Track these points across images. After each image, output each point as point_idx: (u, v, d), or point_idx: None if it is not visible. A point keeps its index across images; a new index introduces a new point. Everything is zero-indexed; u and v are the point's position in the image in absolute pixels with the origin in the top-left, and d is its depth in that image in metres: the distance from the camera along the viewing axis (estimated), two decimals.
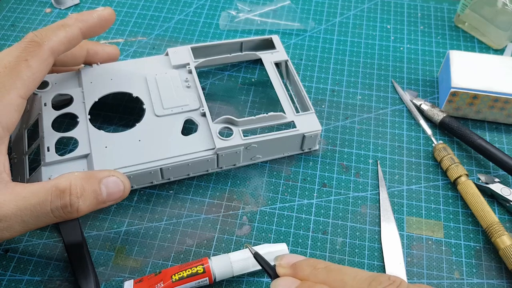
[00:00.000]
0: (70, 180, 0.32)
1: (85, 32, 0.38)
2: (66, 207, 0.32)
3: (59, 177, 0.33)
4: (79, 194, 0.32)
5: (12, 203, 0.30)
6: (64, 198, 0.32)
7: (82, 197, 0.32)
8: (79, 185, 0.32)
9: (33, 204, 0.31)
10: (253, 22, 0.56)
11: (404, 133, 0.46)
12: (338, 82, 0.51)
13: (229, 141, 0.40)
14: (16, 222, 0.31)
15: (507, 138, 0.46)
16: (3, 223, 0.30)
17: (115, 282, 0.37)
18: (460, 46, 0.54)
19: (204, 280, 0.34)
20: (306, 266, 0.29)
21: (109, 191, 0.34)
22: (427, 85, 0.51)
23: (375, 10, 0.59)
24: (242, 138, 0.40)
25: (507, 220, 0.40)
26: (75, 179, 0.32)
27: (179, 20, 0.57)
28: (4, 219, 0.30)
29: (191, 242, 0.39)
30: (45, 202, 0.31)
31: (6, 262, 0.37)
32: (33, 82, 0.34)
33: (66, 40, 0.37)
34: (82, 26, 0.38)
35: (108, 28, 0.41)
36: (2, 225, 0.30)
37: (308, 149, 0.44)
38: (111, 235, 0.39)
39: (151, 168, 0.38)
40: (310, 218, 0.40)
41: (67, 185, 0.32)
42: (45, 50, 0.35)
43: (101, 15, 0.39)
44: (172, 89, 0.43)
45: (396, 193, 0.42)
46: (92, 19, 0.39)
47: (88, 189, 0.33)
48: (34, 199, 0.31)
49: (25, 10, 0.58)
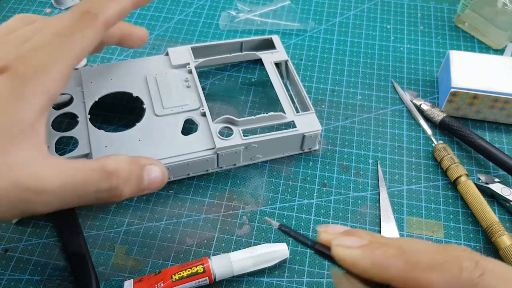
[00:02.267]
0: (118, 162, 0.31)
1: (135, 5, 0.36)
2: (112, 190, 0.30)
3: (105, 158, 0.31)
4: (126, 178, 0.31)
5: (54, 178, 0.28)
6: (111, 181, 0.30)
7: (127, 182, 0.31)
8: (126, 169, 0.31)
9: (77, 182, 0.29)
10: (253, 22, 0.56)
11: (404, 133, 0.46)
12: (338, 82, 0.51)
13: (229, 141, 0.40)
14: (56, 198, 0.29)
15: (507, 138, 0.46)
16: (42, 197, 0.28)
17: (115, 281, 0.37)
18: (460, 46, 0.54)
19: (204, 280, 0.34)
20: (365, 233, 0.25)
21: (150, 179, 0.32)
22: (427, 85, 0.51)
23: (375, 10, 0.59)
24: (242, 138, 0.40)
25: (507, 220, 0.40)
26: (122, 162, 0.31)
27: (179, 20, 0.57)
28: (44, 193, 0.28)
29: (191, 242, 0.39)
30: (90, 182, 0.29)
31: (5, 261, 0.37)
32: (83, 54, 0.32)
33: (119, 13, 0.34)
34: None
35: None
36: (41, 199, 0.28)
37: (308, 149, 0.44)
38: (111, 234, 0.39)
39: None
40: (310, 218, 0.40)
41: (115, 168, 0.30)
42: (100, 23, 0.33)
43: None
44: (172, 89, 0.43)
45: (396, 193, 0.42)
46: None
47: (133, 174, 0.31)
48: (79, 177, 0.29)
49: (25, 10, 0.58)
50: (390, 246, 0.23)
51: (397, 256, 0.23)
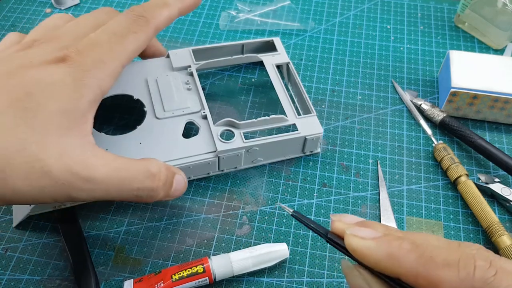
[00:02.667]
0: (160, 166, 0.32)
1: (180, 13, 0.38)
2: (152, 191, 0.32)
3: (147, 160, 0.32)
4: (164, 182, 0.32)
5: (102, 168, 0.29)
6: (154, 182, 0.32)
7: (164, 186, 0.33)
8: (164, 174, 0.33)
9: (122, 177, 0.30)
10: (253, 22, 0.56)
11: (404, 133, 0.46)
12: (338, 82, 0.51)
13: (230, 144, 0.40)
14: (100, 188, 0.29)
15: (507, 138, 0.46)
16: (88, 185, 0.29)
17: (115, 281, 0.37)
18: (460, 46, 0.54)
19: (204, 280, 0.34)
20: (379, 225, 0.25)
21: (176, 188, 0.34)
22: (427, 85, 0.51)
23: (375, 10, 0.59)
24: (244, 141, 0.40)
25: (507, 220, 0.40)
26: (162, 166, 0.33)
27: (179, 20, 0.57)
28: (91, 181, 0.29)
29: (191, 242, 0.39)
30: (134, 180, 0.31)
31: (5, 261, 0.37)
32: (134, 55, 0.34)
33: (168, 20, 0.36)
34: (180, 7, 0.37)
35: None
36: (86, 187, 0.29)
37: (310, 152, 0.44)
38: (111, 234, 0.39)
39: None
40: (310, 218, 0.40)
41: (157, 170, 0.32)
42: (151, 28, 0.34)
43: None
44: (173, 91, 0.43)
45: (396, 193, 0.42)
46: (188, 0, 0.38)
47: (168, 180, 0.33)
48: (125, 172, 0.30)
49: (25, 10, 0.58)
50: (405, 240, 0.23)
51: (410, 250, 0.22)
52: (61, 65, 0.29)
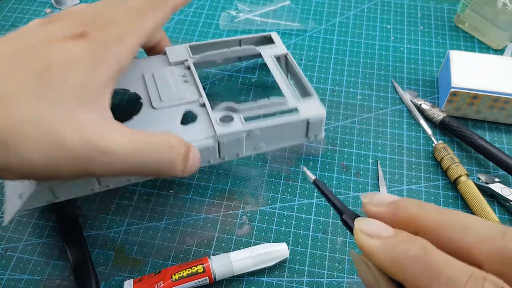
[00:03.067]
0: (178, 139, 0.32)
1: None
2: (172, 164, 0.32)
3: (166, 133, 0.32)
4: (183, 155, 0.32)
5: (120, 140, 0.29)
6: (174, 154, 0.31)
7: (183, 159, 0.32)
8: (183, 147, 0.32)
9: (141, 149, 0.30)
10: (253, 22, 0.56)
11: (404, 133, 0.46)
12: (338, 82, 0.51)
13: (230, 127, 0.38)
14: (118, 161, 0.29)
15: (507, 138, 0.46)
16: (106, 158, 0.28)
17: (115, 281, 0.37)
18: (460, 46, 0.54)
19: (204, 280, 0.34)
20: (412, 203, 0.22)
21: (192, 163, 0.34)
22: (427, 85, 0.51)
23: (375, 10, 0.59)
24: (243, 124, 0.39)
25: (507, 220, 0.40)
26: (180, 140, 0.32)
27: (179, 20, 0.57)
28: (109, 154, 0.28)
29: (191, 242, 0.39)
30: (154, 152, 0.30)
31: (5, 261, 0.37)
32: (152, 32, 0.34)
33: (184, 1, 0.37)
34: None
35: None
36: (104, 159, 0.28)
37: (314, 136, 0.42)
38: (111, 234, 0.39)
39: None
40: (310, 217, 0.40)
41: (177, 143, 0.32)
42: (169, 7, 0.35)
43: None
44: (170, 83, 0.42)
45: (396, 193, 0.42)
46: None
47: (186, 154, 0.33)
48: (144, 145, 0.30)
49: (25, 10, 0.58)
50: (416, 244, 0.20)
51: (417, 259, 0.20)
52: (80, 41, 0.29)
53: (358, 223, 0.23)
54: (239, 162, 0.44)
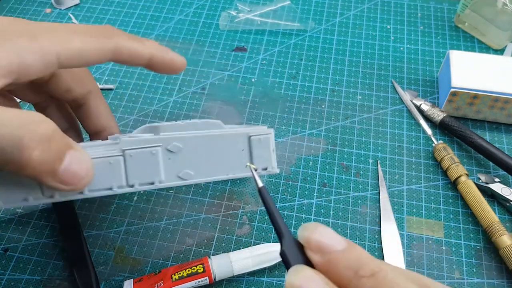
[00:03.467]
0: (45, 120, 0.26)
1: (151, 64, 0.33)
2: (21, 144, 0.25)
3: (31, 111, 0.26)
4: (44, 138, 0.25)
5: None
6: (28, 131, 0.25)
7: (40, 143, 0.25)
8: (48, 133, 0.26)
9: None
10: (253, 22, 0.56)
11: (404, 133, 0.46)
12: (338, 82, 0.51)
13: (139, 137, 0.30)
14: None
15: (507, 138, 0.46)
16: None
17: (115, 281, 0.37)
18: (460, 46, 0.54)
19: (204, 280, 0.34)
20: (345, 269, 0.20)
21: (69, 167, 0.27)
22: (427, 85, 0.51)
23: (375, 10, 0.59)
24: (160, 135, 0.30)
25: (507, 220, 0.40)
26: (47, 122, 0.26)
27: (179, 20, 0.57)
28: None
29: (191, 242, 0.39)
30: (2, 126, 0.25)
31: (5, 261, 0.37)
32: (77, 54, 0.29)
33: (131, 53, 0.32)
34: (154, 54, 0.33)
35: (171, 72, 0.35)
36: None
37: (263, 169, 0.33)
38: (111, 234, 0.39)
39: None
40: (310, 218, 0.40)
41: (37, 120, 0.26)
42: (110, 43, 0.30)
43: (175, 58, 0.34)
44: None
45: (396, 193, 0.42)
46: (166, 55, 0.34)
47: (56, 148, 0.26)
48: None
49: (25, 10, 0.58)
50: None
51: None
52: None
53: (292, 276, 0.20)
54: None
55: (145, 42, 0.33)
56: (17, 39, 0.27)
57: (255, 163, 0.32)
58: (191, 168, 0.31)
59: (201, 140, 0.31)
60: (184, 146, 0.31)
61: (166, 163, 0.31)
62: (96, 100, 0.36)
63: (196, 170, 0.31)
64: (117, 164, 0.29)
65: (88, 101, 0.36)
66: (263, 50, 0.54)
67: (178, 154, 0.31)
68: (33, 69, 0.27)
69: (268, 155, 0.33)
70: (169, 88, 0.50)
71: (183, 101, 0.48)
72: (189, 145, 0.31)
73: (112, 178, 0.29)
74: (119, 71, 0.51)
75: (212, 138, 0.31)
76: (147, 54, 0.33)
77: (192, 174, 0.31)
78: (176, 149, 0.31)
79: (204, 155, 0.31)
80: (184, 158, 0.31)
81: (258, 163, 0.33)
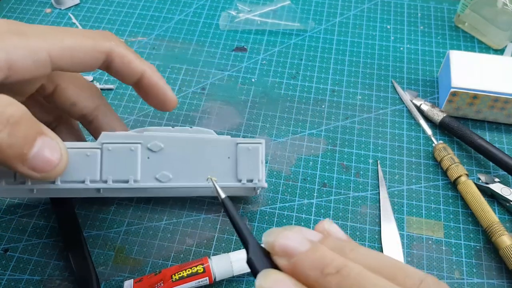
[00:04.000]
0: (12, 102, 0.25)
1: (143, 82, 0.32)
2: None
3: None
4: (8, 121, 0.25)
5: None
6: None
7: (13, 134, 0.25)
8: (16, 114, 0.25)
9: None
10: (253, 22, 0.56)
11: (404, 133, 0.46)
12: (338, 82, 0.51)
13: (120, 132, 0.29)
14: None
15: (507, 138, 0.46)
16: None
17: (115, 281, 0.37)
18: (460, 46, 0.54)
19: (204, 280, 0.34)
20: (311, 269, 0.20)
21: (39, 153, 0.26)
22: (427, 85, 0.51)
23: (375, 10, 0.59)
24: (138, 131, 0.29)
25: (507, 220, 0.40)
26: (21, 109, 0.25)
27: (179, 20, 0.57)
28: None
29: (191, 242, 0.39)
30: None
31: (5, 261, 0.37)
32: (69, 53, 0.29)
33: (123, 60, 0.31)
34: (150, 74, 0.32)
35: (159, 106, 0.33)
36: None
37: (249, 180, 0.31)
38: (111, 234, 0.39)
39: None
40: (310, 218, 0.40)
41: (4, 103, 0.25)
42: (106, 46, 0.30)
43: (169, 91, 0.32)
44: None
45: (396, 193, 0.42)
46: (160, 81, 0.33)
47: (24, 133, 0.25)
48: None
49: (25, 10, 0.58)
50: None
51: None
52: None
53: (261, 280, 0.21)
54: None
55: (142, 59, 0.32)
56: (6, 37, 0.26)
57: (239, 173, 0.31)
58: (170, 171, 0.30)
59: (184, 142, 0.30)
60: (166, 146, 0.30)
61: (145, 162, 0.29)
62: (106, 116, 0.35)
63: (175, 173, 0.30)
64: (94, 157, 0.28)
65: (98, 116, 0.35)
66: (263, 50, 0.54)
67: (158, 154, 0.30)
68: (22, 67, 0.27)
69: (256, 166, 0.32)
70: None
71: (183, 101, 0.48)
72: (171, 146, 0.30)
73: (87, 171, 0.29)
74: None
75: (196, 141, 0.30)
76: (140, 69, 0.32)
77: (170, 177, 0.30)
78: (156, 148, 0.30)
79: (186, 158, 0.30)
80: (164, 159, 0.30)
81: (243, 174, 0.31)
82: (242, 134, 0.46)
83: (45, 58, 0.28)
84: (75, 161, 0.28)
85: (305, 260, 0.21)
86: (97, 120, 0.35)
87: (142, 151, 0.29)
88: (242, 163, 0.31)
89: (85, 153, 0.28)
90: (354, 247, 0.22)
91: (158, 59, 0.53)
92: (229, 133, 0.46)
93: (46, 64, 0.28)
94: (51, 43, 0.28)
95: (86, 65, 0.30)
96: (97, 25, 0.56)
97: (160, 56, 0.53)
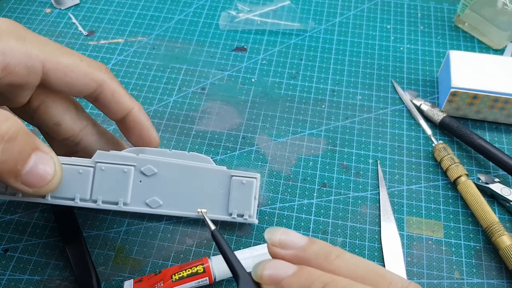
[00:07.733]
0: (7, 115, 0.25)
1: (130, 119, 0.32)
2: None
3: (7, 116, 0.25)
4: (6, 140, 0.24)
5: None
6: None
7: (8, 150, 0.24)
8: (13, 130, 0.25)
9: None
10: (253, 22, 0.56)
11: (404, 133, 0.46)
12: (338, 82, 0.51)
13: (113, 152, 0.29)
14: None
15: (507, 138, 0.46)
16: None
17: (115, 281, 0.37)
18: (460, 46, 0.54)
19: (204, 280, 0.34)
20: (316, 256, 0.23)
21: (34, 169, 0.26)
22: (427, 85, 0.51)
23: (375, 10, 0.59)
24: (139, 155, 0.29)
25: (507, 220, 0.40)
26: (17, 123, 0.25)
27: (179, 20, 0.57)
28: None
29: (191, 242, 0.39)
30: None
31: (5, 261, 0.37)
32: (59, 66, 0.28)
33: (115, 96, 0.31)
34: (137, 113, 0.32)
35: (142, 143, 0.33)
36: None
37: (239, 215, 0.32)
38: (111, 234, 0.39)
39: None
40: (310, 218, 0.40)
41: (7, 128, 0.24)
42: (95, 74, 0.30)
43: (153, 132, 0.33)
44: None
45: (396, 193, 0.42)
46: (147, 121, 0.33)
47: (20, 148, 0.25)
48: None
49: (25, 10, 0.58)
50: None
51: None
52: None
53: (265, 264, 0.23)
54: (238, 162, 0.44)
55: (131, 97, 0.32)
56: (5, 38, 0.26)
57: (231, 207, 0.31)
58: (161, 197, 0.30)
59: (177, 169, 0.30)
60: (159, 171, 0.30)
61: (136, 185, 0.30)
62: (94, 135, 0.34)
63: (165, 200, 0.30)
64: (87, 175, 0.29)
65: (84, 138, 0.33)
66: (263, 50, 0.54)
67: (151, 178, 0.30)
68: (16, 70, 0.27)
69: (248, 202, 0.31)
70: (169, 88, 0.50)
71: (183, 101, 0.48)
72: (164, 171, 0.30)
73: (78, 188, 0.29)
74: (119, 71, 0.51)
75: (190, 169, 0.30)
76: (128, 106, 0.32)
77: (160, 203, 0.30)
78: (150, 172, 0.29)
79: (178, 186, 0.30)
80: (157, 184, 0.30)
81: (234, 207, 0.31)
82: (242, 134, 0.46)
83: (38, 67, 0.28)
84: (67, 178, 0.28)
85: (292, 283, 0.22)
86: (83, 141, 0.34)
87: (135, 174, 0.30)
88: (234, 197, 0.31)
89: (78, 170, 0.29)
90: (340, 253, 0.23)
91: (158, 59, 0.53)
92: (229, 133, 0.46)
93: (38, 73, 0.28)
94: (47, 55, 0.28)
95: (75, 88, 0.30)
96: (97, 25, 0.56)
97: (160, 56, 0.53)
